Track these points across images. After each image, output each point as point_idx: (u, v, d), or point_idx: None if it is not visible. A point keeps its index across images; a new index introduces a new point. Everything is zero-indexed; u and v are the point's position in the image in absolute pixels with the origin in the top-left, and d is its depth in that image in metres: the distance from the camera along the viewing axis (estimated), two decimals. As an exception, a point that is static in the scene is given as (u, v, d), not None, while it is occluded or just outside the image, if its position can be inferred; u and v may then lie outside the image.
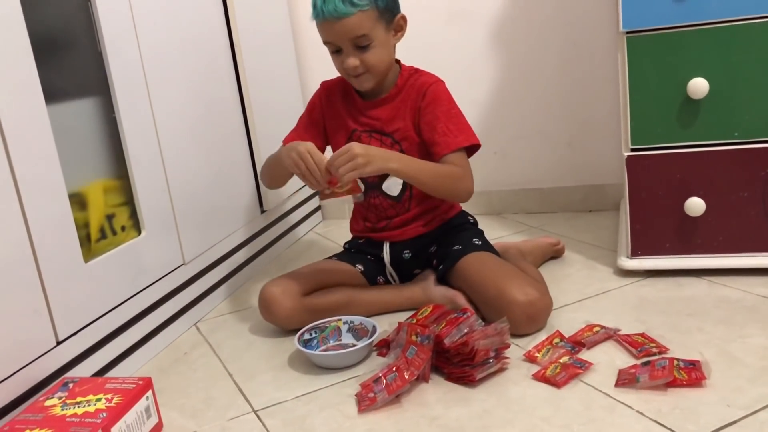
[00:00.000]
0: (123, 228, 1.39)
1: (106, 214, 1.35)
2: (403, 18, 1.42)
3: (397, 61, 1.50)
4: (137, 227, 1.42)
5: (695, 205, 1.42)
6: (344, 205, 1.63)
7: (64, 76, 1.31)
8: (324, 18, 1.34)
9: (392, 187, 1.49)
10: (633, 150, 1.45)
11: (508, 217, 2.13)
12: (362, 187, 1.39)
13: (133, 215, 1.41)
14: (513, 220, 2.09)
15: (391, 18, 1.40)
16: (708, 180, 1.42)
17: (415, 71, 1.49)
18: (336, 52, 1.39)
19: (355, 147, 1.28)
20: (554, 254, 1.69)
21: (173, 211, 1.51)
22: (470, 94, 2.12)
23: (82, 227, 1.28)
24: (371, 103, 1.48)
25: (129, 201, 1.40)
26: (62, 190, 1.21)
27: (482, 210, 2.18)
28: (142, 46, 1.42)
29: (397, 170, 1.33)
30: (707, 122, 1.39)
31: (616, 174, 1.99)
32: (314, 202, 2.28)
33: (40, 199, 1.15)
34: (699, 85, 1.37)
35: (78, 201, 1.28)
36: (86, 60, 1.35)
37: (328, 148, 1.54)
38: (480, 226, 1.59)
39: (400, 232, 1.52)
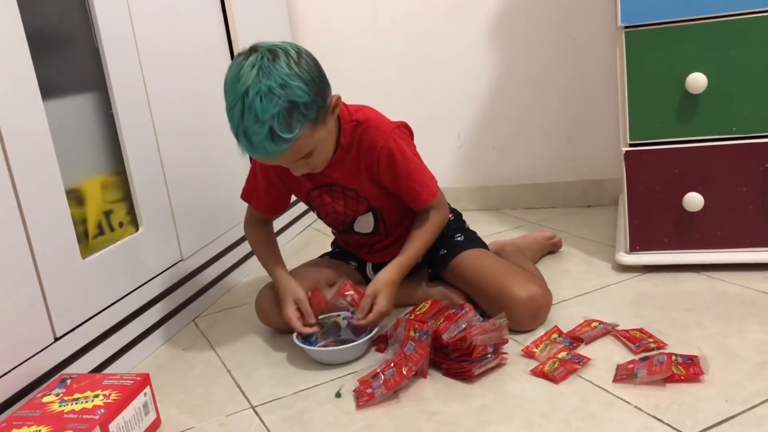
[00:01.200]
0: (121, 224, 1.38)
1: (104, 210, 1.35)
2: (337, 98, 1.23)
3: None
4: (135, 223, 1.41)
5: (693, 200, 1.42)
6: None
7: (60, 72, 1.31)
8: (255, 156, 1.19)
9: (364, 226, 1.44)
10: (631, 145, 1.45)
11: (507, 213, 2.12)
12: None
13: (131, 211, 1.41)
14: (511, 215, 2.09)
15: (326, 112, 1.20)
16: (706, 175, 1.42)
17: (358, 125, 1.31)
18: None
19: (385, 307, 1.29)
20: (552, 248, 1.69)
21: (171, 207, 1.50)
22: (469, 89, 2.12)
23: (80, 223, 1.28)
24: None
25: (127, 197, 1.40)
26: (59, 186, 1.20)
27: (481, 205, 2.18)
28: (139, 41, 1.41)
29: (411, 269, 1.37)
30: (706, 117, 1.39)
31: (614, 169, 1.99)
32: (313, 198, 2.27)
33: (38, 195, 1.15)
34: (697, 80, 1.36)
35: (75, 197, 1.28)
36: (83, 56, 1.34)
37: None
38: (478, 222, 1.58)
39: (380, 256, 1.48)
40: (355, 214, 1.41)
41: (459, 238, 1.46)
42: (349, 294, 1.33)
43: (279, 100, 1.11)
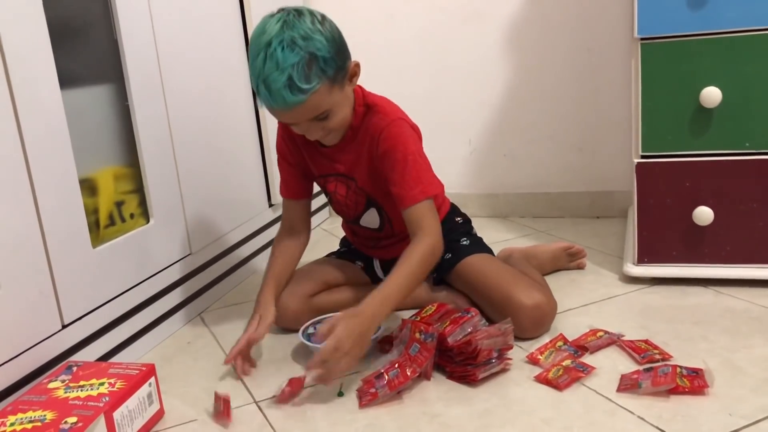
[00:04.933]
0: (132, 215, 1.39)
1: (116, 201, 1.36)
2: (356, 65, 1.27)
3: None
4: (146, 215, 1.42)
5: (703, 214, 1.42)
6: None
7: (79, 62, 1.32)
8: (273, 108, 1.20)
9: (371, 221, 1.45)
10: (643, 156, 1.45)
11: (515, 220, 2.12)
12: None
13: (143, 203, 1.41)
14: (519, 223, 2.09)
15: (344, 75, 1.24)
16: (717, 189, 1.41)
17: (368, 109, 1.33)
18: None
19: (344, 344, 1.10)
20: (572, 261, 1.64)
21: (182, 200, 1.51)
22: (482, 96, 2.12)
23: (92, 213, 1.29)
24: (331, 148, 1.37)
25: (139, 189, 1.41)
26: (73, 175, 1.21)
27: (489, 212, 2.18)
28: (157, 35, 1.43)
29: (389, 313, 1.20)
30: (719, 132, 1.39)
31: (625, 181, 1.99)
32: (322, 199, 2.28)
33: (51, 184, 1.16)
34: (712, 94, 1.36)
35: (88, 187, 1.29)
36: (102, 47, 1.36)
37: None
38: (486, 229, 1.58)
39: (387, 252, 1.48)
40: (356, 207, 1.42)
41: (465, 242, 1.46)
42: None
43: (300, 50, 1.15)
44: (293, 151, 1.43)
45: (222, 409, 1.12)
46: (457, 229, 1.49)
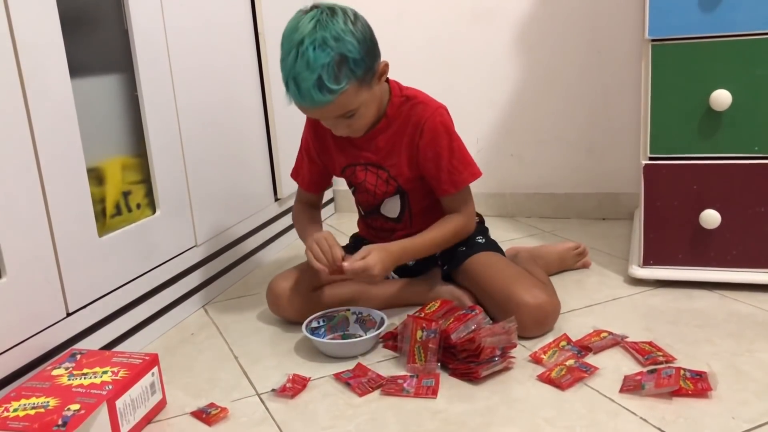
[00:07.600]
0: (138, 206, 1.40)
1: (123, 191, 1.36)
2: (385, 64, 1.30)
3: (387, 81, 1.38)
4: (152, 206, 1.42)
5: (710, 218, 1.41)
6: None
7: (89, 52, 1.33)
8: (301, 105, 1.24)
9: (391, 210, 1.46)
10: (651, 158, 1.45)
11: (521, 220, 2.12)
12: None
13: (149, 194, 1.42)
14: (526, 223, 2.09)
15: (373, 75, 1.26)
16: (725, 193, 1.41)
17: (406, 100, 1.37)
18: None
19: (374, 269, 1.27)
20: (577, 261, 1.65)
21: (189, 192, 1.51)
22: (491, 95, 2.12)
23: (98, 202, 1.29)
24: (363, 138, 1.39)
25: (146, 179, 1.41)
26: (81, 164, 1.22)
27: (495, 212, 2.18)
28: (167, 26, 1.43)
29: (412, 258, 1.36)
30: (728, 135, 1.39)
31: (632, 183, 1.99)
32: (328, 194, 2.28)
33: (59, 172, 1.16)
34: (722, 97, 1.36)
35: (96, 176, 1.29)
36: (112, 37, 1.36)
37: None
38: (493, 228, 1.58)
39: None
40: (384, 195, 1.44)
41: (480, 240, 1.47)
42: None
43: (331, 51, 1.17)
44: (319, 146, 1.46)
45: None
46: (475, 228, 1.51)
